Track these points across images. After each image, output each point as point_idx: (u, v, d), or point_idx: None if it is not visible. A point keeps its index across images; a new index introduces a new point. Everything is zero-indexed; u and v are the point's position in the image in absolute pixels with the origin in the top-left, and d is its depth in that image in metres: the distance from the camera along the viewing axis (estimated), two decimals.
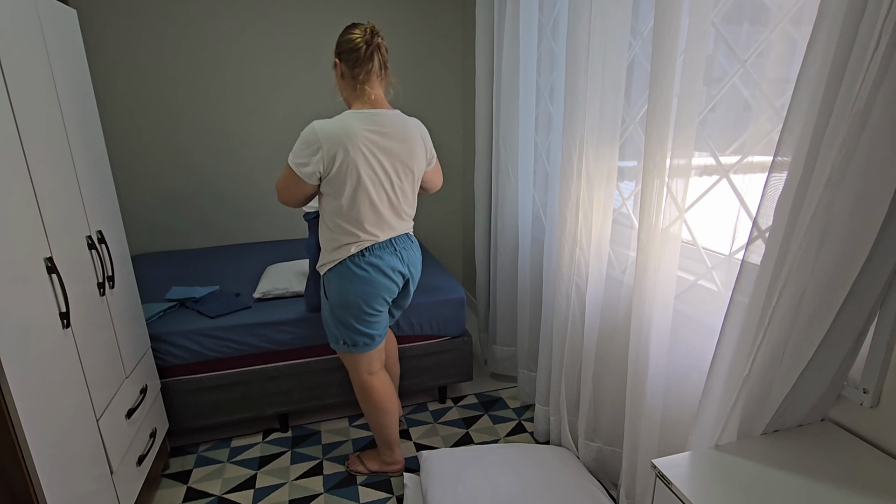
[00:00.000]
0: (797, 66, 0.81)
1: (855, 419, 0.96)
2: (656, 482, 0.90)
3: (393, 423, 1.81)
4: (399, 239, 1.64)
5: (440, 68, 3.15)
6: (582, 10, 1.46)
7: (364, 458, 1.91)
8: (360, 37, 1.48)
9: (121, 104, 2.73)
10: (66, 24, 1.43)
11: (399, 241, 1.64)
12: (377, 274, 1.58)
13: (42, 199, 1.18)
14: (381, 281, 1.59)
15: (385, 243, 1.60)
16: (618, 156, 1.50)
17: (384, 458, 1.86)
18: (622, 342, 1.56)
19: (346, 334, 1.65)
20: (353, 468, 1.90)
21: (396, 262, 1.62)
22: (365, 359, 1.71)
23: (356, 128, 1.46)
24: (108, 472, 1.38)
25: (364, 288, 1.57)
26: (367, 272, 1.56)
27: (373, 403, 1.75)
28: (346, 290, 1.58)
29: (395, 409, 1.82)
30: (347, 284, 1.57)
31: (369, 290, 1.58)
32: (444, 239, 3.51)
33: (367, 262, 1.56)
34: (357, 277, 1.56)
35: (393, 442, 1.84)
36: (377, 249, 1.58)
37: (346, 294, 1.58)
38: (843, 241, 0.81)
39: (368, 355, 1.71)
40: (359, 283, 1.57)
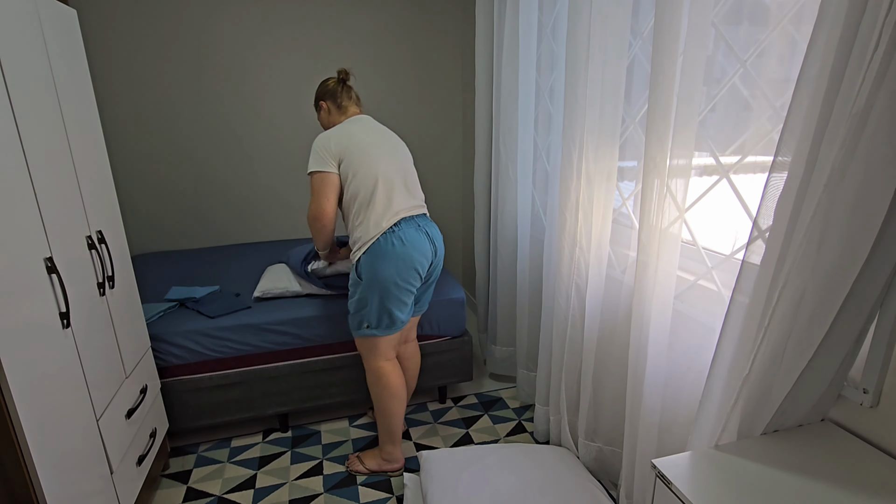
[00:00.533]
0: (797, 66, 0.81)
1: (855, 419, 0.96)
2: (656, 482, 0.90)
3: (401, 413, 1.84)
4: (419, 217, 1.77)
5: (440, 68, 3.15)
6: (582, 10, 1.46)
7: (363, 457, 1.92)
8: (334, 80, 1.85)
9: (121, 104, 2.73)
10: (66, 24, 1.43)
11: (420, 219, 1.76)
12: (407, 247, 1.67)
13: (42, 199, 1.18)
14: (411, 254, 1.68)
15: (408, 220, 1.72)
16: (618, 156, 1.50)
17: (384, 454, 1.87)
18: (622, 342, 1.56)
19: (375, 315, 1.71)
20: (352, 468, 1.90)
21: (422, 237, 1.72)
22: (384, 343, 1.76)
23: (350, 126, 1.76)
24: (108, 472, 1.38)
25: (396, 262, 1.66)
26: (396, 246, 1.66)
27: (388, 388, 1.80)
28: (379, 265, 1.66)
29: (405, 399, 1.86)
30: (381, 261, 1.66)
31: (401, 264, 1.67)
32: (444, 239, 3.50)
33: (397, 238, 1.67)
34: (389, 253, 1.66)
35: (396, 436, 1.86)
36: (404, 226, 1.70)
37: (379, 269, 1.66)
38: (843, 241, 0.81)
39: (387, 340, 1.76)
40: (392, 258, 1.66)
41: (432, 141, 3.27)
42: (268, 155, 3.02)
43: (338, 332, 2.05)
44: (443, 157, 3.33)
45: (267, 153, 3.02)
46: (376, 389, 1.82)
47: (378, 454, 1.90)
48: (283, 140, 3.02)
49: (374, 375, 1.81)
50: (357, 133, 1.73)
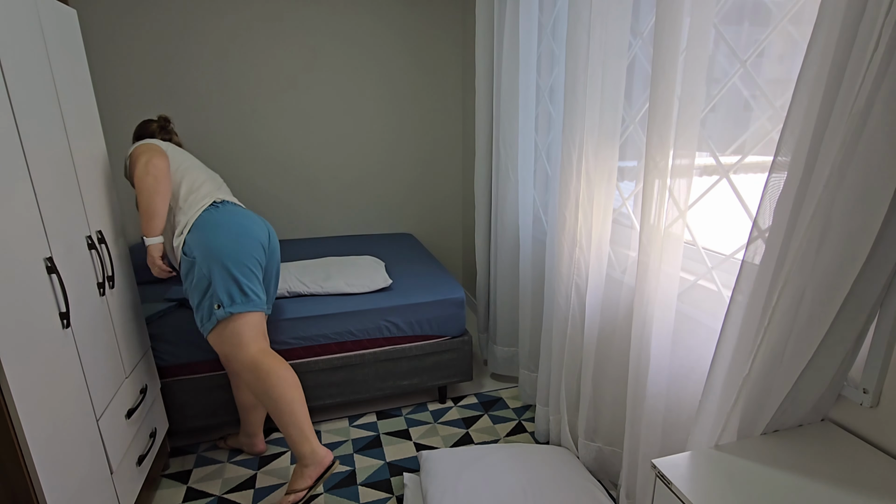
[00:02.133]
0: (797, 66, 0.81)
1: (855, 419, 0.96)
2: (656, 482, 0.90)
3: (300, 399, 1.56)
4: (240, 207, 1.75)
5: (440, 68, 3.15)
6: (582, 10, 1.46)
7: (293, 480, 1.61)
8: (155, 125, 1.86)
9: (121, 104, 2.73)
10: (66, 24, 1.43)
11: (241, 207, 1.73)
12: (239, 217, 1.63)
13: (42, 199, 1.18)
14: (242, 222, 1.62)
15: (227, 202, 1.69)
16: (618, 156, 1.50)
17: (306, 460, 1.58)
18: (622, 342, 1.56)
19: (221, 289, 1.52)
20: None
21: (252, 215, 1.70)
22: (247, 326, 1.54)
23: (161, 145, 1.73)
24: (108, 472, 1.38)
25: (228, 230, 1.58)
26: (226, 215, 1.61)
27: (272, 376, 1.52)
28: (209, 235, 1.56)
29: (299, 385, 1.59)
30: (210, 231, 1.57)
31: (234, 231, 1.59)
32: (444, 239, 3.51)
33: (222, 210, 1.63)
34: (219, 220, 1.59)
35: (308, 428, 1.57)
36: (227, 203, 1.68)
37: (211, 239, 1.55)
38: (843, 241, 0.81)
39: (249, 322, 1.54)
40: (222, 226, 1.58)
41: (432, 141, 3.27)
42: (267, 155, 3.02)
43: (338, 332, 2.05)
44: (443, 157, 3.33)
45: (267, 153, 3.02)
46: (260, 384, 1.53)
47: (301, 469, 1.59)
48: (283, 140, 3.02)
49: (249, 370, 1.53)
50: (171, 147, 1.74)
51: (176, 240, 1.61)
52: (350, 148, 3.14)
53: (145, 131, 1.86)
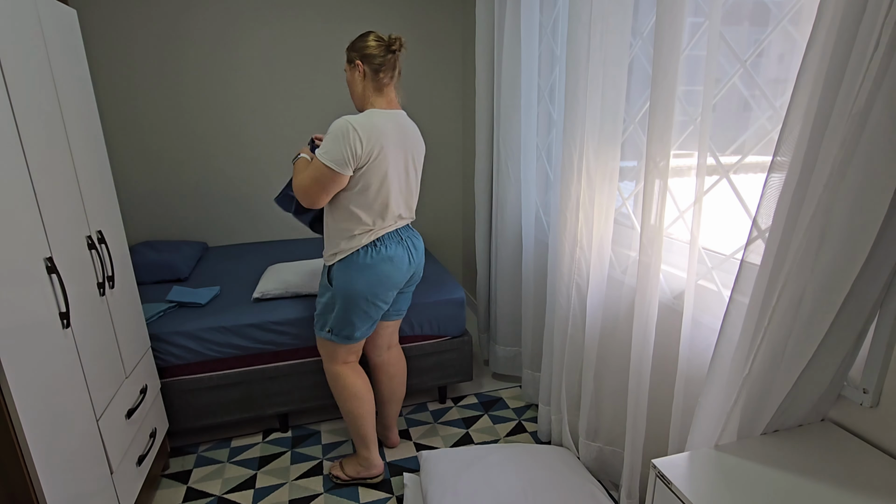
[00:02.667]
0: (797, 66, 0.81)
1: (855, 419, 0.96)
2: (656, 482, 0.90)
3: (368, 414, 1.78)
4: (404, 229, 1.70)
5: (440, 69, 3.15)
6: (582, 10, 1.46)
7: (344, 463, 1.86)
8: (385, 45, 1.59)
9: (121, 104, 2.73)
10: (66, 24, 1.43)
11: (404, 231, 1.70)
12: (386, 265, 1.61)
13: (42, 199, 1.18)
14: (388, 272, 1.62)
15: (393, 234, 1.65)
16: (619, 156, 1.50)
17: (360, 460, 1.81)
18: (623, 342, 1.56)
19: (337, 323, 1.66)
20: (334, 473, 1.85)
21: (403, 252, 1.66)
22: (343, 350, 1.72)
23: (385, 124, 1.55)
24: (108, 472, 1.38)
25: (370, 278, 1.60)
26: (375, 263, 1.60)
27: (347, 389, 1.74)
28: (353, 280, 1.60)
29: (370, 398, 1.79)
30: (356, 274, 1.60)
31: (375, 281, 1.61)
32: (444, 239, 3.50)
33: (378, 253, 1.60)
34: (368, 269, 1.60)
35: (370, 440, 1.80)
36: (387, 240, 1.63)
37: (353, 284, 1.60)
38: (843, 241, 0.81)
39: (346, 347, 1.72)
40: (367, 274, 1.60)
41: (432, 141, 3.27)
42: (269, 155, 3.02)
43: None
44: (443, 157, 3.33)
45: (268, 153, 3.02)
46: (336, 392, 1.77)
47: (355, 461, 1.84)
48: (284, 139, 3.02)
49: (331, 378, 1.77)
50: (390, 140, 1.55)
51: (327, 258, 1.66)
52: None
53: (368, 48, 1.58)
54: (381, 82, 1.61)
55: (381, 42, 1.59)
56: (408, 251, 1.68)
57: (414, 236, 1.74)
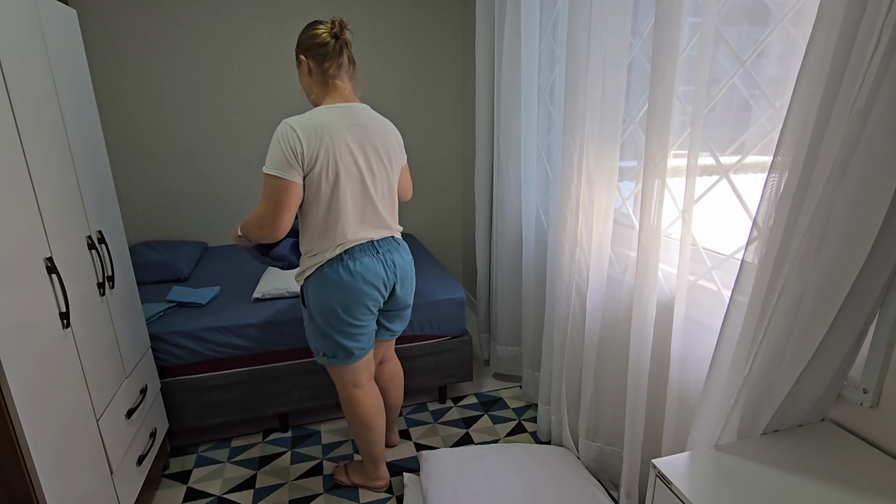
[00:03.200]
0: (797, 66, 0.81)
1: (855, 419, 0.96)
2: (656, 482, 0.90)
3: (378, 440, 1.73)
4: (383, 241, 1.54)
5: (440, 68, 3.15)
6: (582, 10, 1.46)
7: (350, 468, 1.85)
8: (327, 31, 1.44)
9: (121, 104, 2.73)
10: (66, 24, 1.43)
11: (382, 244, 1.53)
12: (356, 280, 1.46)
13: (42, 199, 1.18)
14: (359, 287, 1.47)
15: (366, 245, 1.49)
16: (619, 156, 1.50)
17: (368, 472, 1.79)
18: (623, 342, 1.56)
19: (326, 345, 1.55)
20: (337, 477, 1.85)
21: (378, 266, 1.50)
22: (349, 371, 1.61)
23: (333, 121, 1.40)
24: (108, 472, 1.38)
25: (341, 295, 1.46)
26: (344, 278, 1.45)
27: (358, 419, 1.67)
28: (323, 297, 1.48)
29: (382, 425, 1.73)
30: (324, 292, 1.47)
31: (347, 298, 1.47)
32: (444, 239, 3.50)
33: (345, 267, 1.45)
34: (334, 284, 1.46)
35: (378, 458, 1.76)
36: (357, 252, 1.47)
37: (324, 302, 1.48)
38: (843, 241, 0.81)
39: (353, 367, 1.60)
40: (336, 290, 1.46)
41: (432, 141, 3.27)
42: None
43: None
44: (443, 157, 3.32)
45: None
46: (347, 415, 1.70)
47: (362, 470, 1.81)
48: None
49: (343, 401, 1.68)
50: (338, 135, 1.39)
51: (298, 276, 1.54)
52: None
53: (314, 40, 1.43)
54: (327, 74, 1.45)
55: (318, 27, 1.44)
56: (383, 265, 1.51)
57: (395, 250, 1.56)
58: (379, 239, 1.53)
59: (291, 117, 1.39)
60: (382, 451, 1.77)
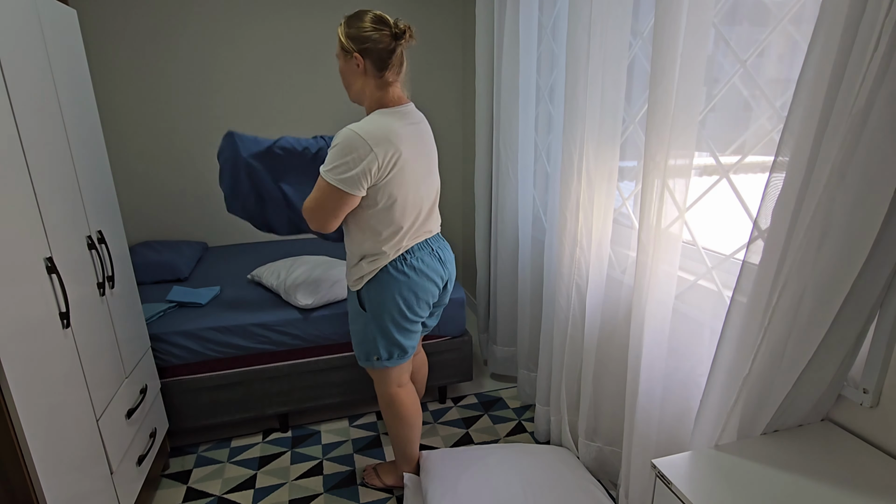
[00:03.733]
0: (797, 66, 0.81)
1: (855, 419, 0.96)
2: (656, 482, 0.90)
3: (416, 439, 1.75)
4: (433, 239, 1.58)
5: (440, 69, 3.15)
6: (582, 10, 1.46)
7: (381, 470, 1.85)
8: (391, 36, 1.36)
9: (121, 104, 2.73)
10: (66, 24, 1.43)
11: (434, 241, 1.58)
12: (420, 277, 1.50)
13: (42, 199, 1.18)
14: (424, 284, 1.52)
15: (423, 244, 1.53)
16: (619, 156, 1.50)
17: (401, 472, 1.80)
18: (622, 342, 1.56)
19: (384, 346, 1.55)
20: (369, 480, 1.84)
21: (436, 262, 1.56)
22: (397, 371, 1.63)
23: (398, 128, 1.37)
24: (108, 472, 1.38)
25: (407, 293, 1.49)
26: (410, 277, 1.48)
27: (401, 417, 1.68)
28: (387, 297, 1.48)
29: (419, 422, 1.74)
30: (389, 291, 1.48)
31: (412, 295, 1.50)
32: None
33: (409, 266, 1.48)
34: (401, 283, 1.47)
35: (413, 458, 1.78)
36: (417, 251, 1.51)
37: (388, 301, 1.49)
38: (843, 241, 0.81)
39: (401, 368, 1.64)
40: (403, 288, 1.48)
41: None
42: None
43: (338, 332, 2.05)
44: (443, 157, 3.32)
45: None
46: (390, 418, 1.69)
47: (394, 471, 1.82)
48: None
49: (385, 402, 1.68)
50: (407, 145, 1.37)
51: (353, 282, 1.53)
52: None
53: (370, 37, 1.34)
54: (385, 80, 1.39)
55: (383, 29, 1.35)
56: (440, 261, 1.57)
57: (444, 247, 1.62)
58: (431, 237, 1.57)
59: (358, 125, 1.32)
60: (417, 451, 1.79)
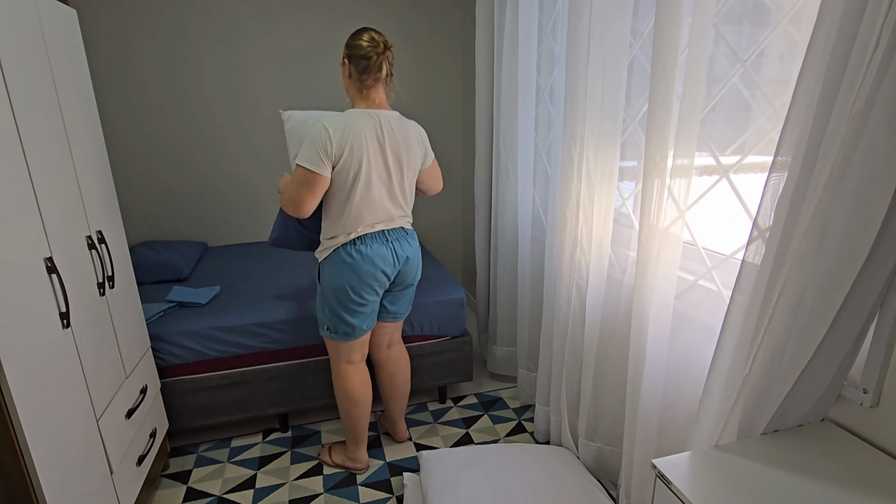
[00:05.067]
0: (797, 66, 0.81)
1: (855, 419, 0.96)
2: (656, 482, 0.90)
3: (362, 418, 1.84)
4: (393, 231, 1.71)
5: (440, 68, 3.15)
6: (582, 10, 1.46)
7: (332, 449, 1.96)
8: (372, 47, 1.58)
9: (120, 104, 2.73)
10: (66, 24, 1.43)
11: (392, 233, 1.71)
12: (364, 262, 1.64)
13: (42, 199, 1.18)
14: (366, 269, 1.65)
15: (377, 234, 1.67)
16: (619, 156, 1.50)
17: (349, 453, 1.90)
18: (622, 342, 1.56)
19: (331, 320, 1.72)
20: (322, 457, 1.96)
21: (386, 252, 1.68)
22: (345, 347, 1.77)
23: (360, 124, 1.57)
24: (108, 472, 1.38)
25: (350, 275, 1.64)
26: (354, 259, 1.64)
27: (345, 391, 1.80)
28: (334, 276, 1.66)
29: (367, 403, 1.84)
30: (336, 271, 1.65)
31: (354, 278, 1.65)
32: (444, 239, 3.50)
33: (357, 251, 1.64)
34: (346, 265, 1.64)
35: (360, 439, 1.87)
36: (368, 239, 1.65)
37: (336, 280, 1.66)
38: (842, 241, 0.81)
39: (349, 345, 1.76)
40: (347, 270, 1.64)
41: (432, 141, 3.26)
42: (268, 155, 3.02)
43: None
44: (443, 157, 3.32)
45: (267, 153, 3.02)
46: (337, 392, 1.83)
47: (343, 451, 1.93)
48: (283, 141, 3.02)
49: (335, 376, 1.82)
50: (363, 136, 1.56)
51: (318, 254, 1.72)
52: None
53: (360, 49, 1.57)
54: (363, 83, 1.61)
55: (371, 42, 1.58)
56: (392, 252, 1.69)
57: (403, 237, 1.73)
58: (389, 229, 1.70)
59: (325, 117, 1.58)
60: (365, 433, 1.89)
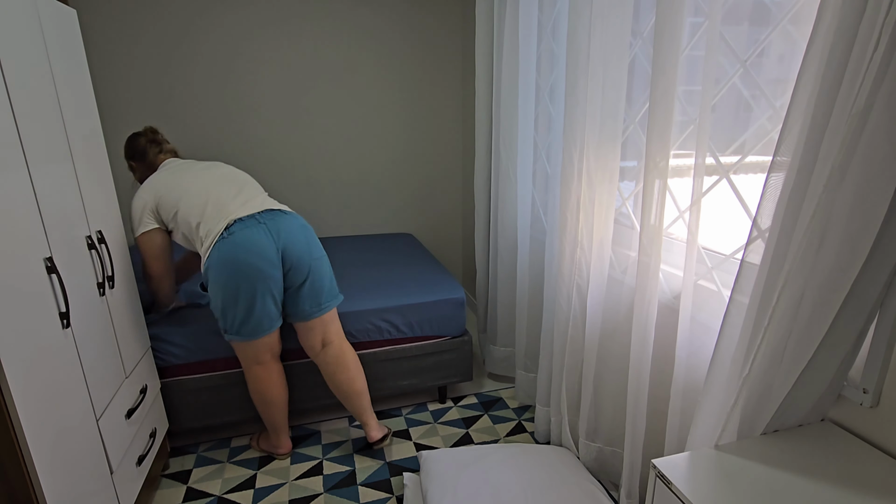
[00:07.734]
0: (797, 66, 0.81)
1: (855, 419, 0.96)
2: (656, 482, 0.90)
3: (277, 413, 1.89)
4: (265, 214, 1.69)
5: (440, 68, 3.15)
6: (582, 10, 1.46)
7: (260, 437, 2.04)
8: (144, 139, 1.83)
9: (121, 104, 2.73)
10: (66, 24, 1.43)
11: (265, 216, 1.68)
12: (237, 250, 1.61)
13: (42, 199, 1.18)
14: (240, 256, 1.61)
15: (246, 219, 1.65)
16: (619, 156, 1.50)
17: (271, 441, 1.97)
18: (623, 342, 1.56)
19: (227, 321, 1.70)
20: (251, 443, 2.05)
21: (261, 234, 1.64)
22: (251, 348, 1.75)
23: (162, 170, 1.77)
24: (108, 472, 1.38)
25: (227, 268, 1.62)
26: (227, 250, 1.61)
27: (257, 393, 1.83)
28: (216, 273, 1.64)
29: (280, 400, 1.87)
30: (215, 268, 1.64)
31: (231, 269, 1.62)
32: (444, 239, 3.51)
33: (226, 242, 1.61)
34: (221, 258, 1.61)
35: (278, 428, 1.93)
36: (237, 226, 1.63)
37: (217, 277, 1.64)
38: (843, 241, 0.81)
39: (253, 345, 1.74)
40: (224, 264, 1.62)
41: (432, 141, 3.27)
42: (267, 155, 3.02)
43: None
44: (443, 157, 3.33)
45: (266, 153, 3.02)
46: (250, 390, 1.85)
47: (268, 439, 2.00)
48: (283, 139, 3.02)
49: (246, 377, 1.84)
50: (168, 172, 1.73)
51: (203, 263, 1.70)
52: (350, 148, 3.14)
53: (136, 148, 1.84)
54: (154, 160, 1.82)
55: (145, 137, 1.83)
56: (267, 233, 1.65)
57: (280, 219, 1.70)
58: (259, 211, 1.69)
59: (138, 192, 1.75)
60: (283, 422, 1.94)
